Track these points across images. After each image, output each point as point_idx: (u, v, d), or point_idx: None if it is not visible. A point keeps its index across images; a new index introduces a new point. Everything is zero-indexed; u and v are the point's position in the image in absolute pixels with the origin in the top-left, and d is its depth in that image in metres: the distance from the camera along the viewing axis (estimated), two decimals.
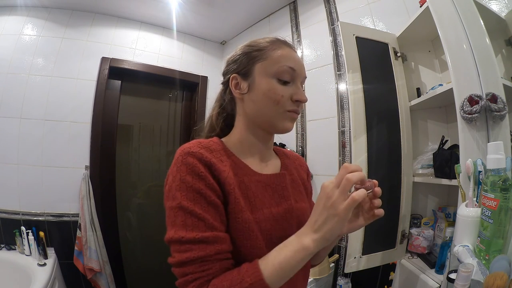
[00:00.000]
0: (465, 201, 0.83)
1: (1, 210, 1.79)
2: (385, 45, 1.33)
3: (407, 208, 1.28)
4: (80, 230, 1.83)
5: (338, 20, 1.73)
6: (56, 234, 1.87)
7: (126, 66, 2.12)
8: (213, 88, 2.45)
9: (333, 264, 1.51)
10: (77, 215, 1.88)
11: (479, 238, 0.73)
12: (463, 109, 0.90)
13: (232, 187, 0.51)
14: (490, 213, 0.69)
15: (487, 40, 0.93)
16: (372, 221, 0.52)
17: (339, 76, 1.69)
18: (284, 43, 0.61)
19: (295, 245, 0.46)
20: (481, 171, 0.80)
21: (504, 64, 1.14)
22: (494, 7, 1.15)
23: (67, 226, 1.90)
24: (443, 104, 1.33)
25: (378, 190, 0.50)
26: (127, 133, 2.34)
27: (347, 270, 1.21)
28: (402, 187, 1.26)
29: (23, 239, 1.72)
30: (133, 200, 2.33)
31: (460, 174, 0.89)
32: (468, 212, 0.78)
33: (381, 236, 1.26)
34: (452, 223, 1.13)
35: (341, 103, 1.65)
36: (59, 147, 1.90)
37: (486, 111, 0.88)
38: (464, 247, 0.74)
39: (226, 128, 0.65)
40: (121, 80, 2.19)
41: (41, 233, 1.73)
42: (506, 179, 0.68)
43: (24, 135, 1.85)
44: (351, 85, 1.25)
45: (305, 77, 0.61)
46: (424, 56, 1.42)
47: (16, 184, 1.83)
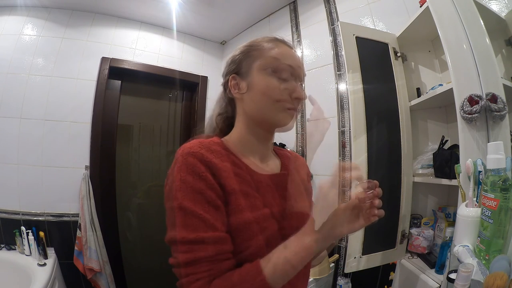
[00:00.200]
0: (465, 201, 0.83)
1: (1, 210, 1.79)
2: (385, 45, 1.33)
3: (407, 208, 1.28)
4: (80, 230, 1.83)
5: (338, 20, 1.73)
6: (56, 234, 1.87)
7: (126, 66, 2.12)
8: (213, 88, 2.45)
9: (333, 264, 1.51)
10: (77, 215, 1.88)
11: (479, 238, 0.73)
12: (463, 109, 0.90)
13: (232, 187, 0.51)
14: (490, 213, 0.69)
15: (487, 40, 0.94)
16: (373, 222, 0.52)
17: (339, 76, 1.69)
18: (282, 42, 0.61)
19: (297, 245, 0.46)
20: (481, 171, 0.80)
21: (504, 64, 1.14)
22: (494, 7, 1.15)
23: (67, 226, 1.90)
24: (443, 104, 1.33)
25: (379, 191, 0.50)
26: (127, 133, 2.34)
27: (347, 270, 1.21)
28: (402, 187, 1.26)
29: (23, 239, 1.72)
30: (133, 200, 2.33)
31: (460, 174, 0.89)
32: (468, 212, 0.79)
33: (381, 236, 1.26)
34: (452, 223, 1.12)
35: (341, 103, 1.64)
36: (59, 147, 1.90)
37: (486, 111, 0.88)
38: (464, 247, 0.74)
39: (227, 129, 0.65)
40: (121, 80, 2.19)
41: (41, 233, 1.73)
42: (506, 179, 0.68)
43: (24, 135, 1.85)
44: (351, 85, 1.25)
45: (305, 74, 0.61)
46: (424, 56, 1.42)
47: (16, 184, 1.83)
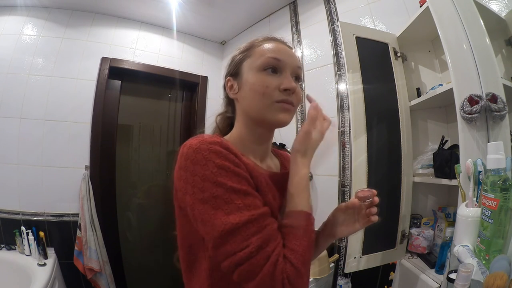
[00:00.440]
0: (465, 201, 0.83)
1: (1, 210, 1.79)
2: (385, 45, 1.33)
3: (407, 208, 1.28)
4: (80, 230, 1.83)
5: (338, 20, 1.73)
6: (56, 234, 1.87)
7: (126, 66, 2.12)
8: (213, 88, 2.45)
9: (333, 264, 1.51)
10: (77, 215, 1.88)
11: (479, 238, 0.73)
12: (463, 109, 0.90)
13: (257, 179, 0.52)
14: (490, 213, 0.69)
15: (487, 40, 0.94)
16: (367, 226, 0.60)
17: (339, 76, 1.69)
18: (271, 38, 0.60)
19: (300, 182, 0.52)
20: (481, 171, 0.80)
21: (504, 64, 1.14)
22: (494, 7, 1.15)
23: (67, 226, 1.90)
24: (443, 104, 1.33)
25: (376, 200, 0.59)
26: (127, 133, 2.34)
27: (347, 270, 1.21)
28: (402, 187, 1.26)
29: (23, 239, 1.72)
30: (133, 200, 2.33)
31: (460, 174, 0.89)
32: (468, 212, 0.79)
33: (381, 236, 1.26)
34: (452, 223, 1.12)
35: (341, 103, 1.64)
36: (59, 147, 1.90)
37: (486, 111, 0.88)
38: (464, 247, 0.74)
39: (227, 128, 0.66)
40: (121, 80, 2.19)
41: (41, 233, 1.73)
42: (506, 179, 0.68)
43: (24, 135, 1.85)
44: (351, 85, 1.25)
45: (298, 66, 0.58)
46: (424, 56, 1.42)
47: (16, 184, 1.82)
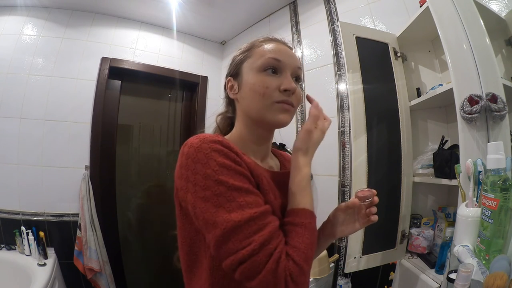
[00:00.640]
0: (465, 201, 0.84)
1: (1, 210, 1.79)
2: (385, 45, 1.33)
3: (407, 208, 1.28)
4: (80, 230, 1.83)
5: (338, 20, 1.73)
6: (56, 234, 1.87)
7: (126, 66, 2.12)
8: (213, 88, 2.45)
9: (333, 264, 1.51)
10: (77, 215, 1.88)
11: (479, 238, 0.73)
12: (463, 109, 0.90)
13: (258, 178, 0.51)
14: (490, 213, 0.69)
15: (487, 40, 0.94)
16: (367, 225, 0.61)
17: (339, 76, 1.69)
18: (272, 39, 0.60)
19: (302, 180, 0.53)
20: (481, 171, 0.80)
21: (504, 64, 1.14)
22: (494, 7, 1.15)
23: (67, 226, 1.90)
24: (443, 104, 1.32)
25: (376, 200, 0.59)
26: (127, 133, 2.33)
27: (347, 270, 1.21)
28: (402, 187, 1.26)
29: (23, 239, 1.72)
30: (133, 200, 2.33)
31: (460, 174, 0.89)
32: (468, 212, 0.79)
33: (381, 236, 1.26)
34: (452, 223, 1.12)
35: (341, 103, 1.64)
36: (59, 147, 1.90)
37: (486, 111, 0.88)
38: (464, 247, 0.75)
39: (227, 128, 0.66)
40: (121, 80, 2.19)
41: (41, 233, 1.73)
42: (506, 179, 0.68)
43: (24, 135, 1.85)
44: (351, 85, 1.25)
45: (298, 67, 0.58)
46: (424, 56, 1.42)
47: (16, 184, 1.82)
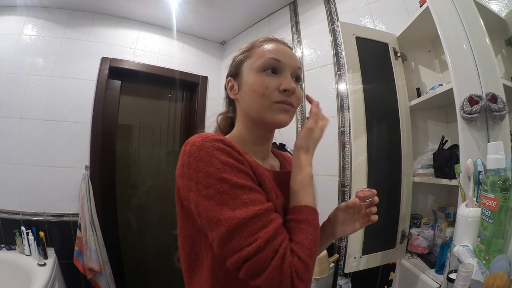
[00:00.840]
0: (465, 201, 0.83)
1: (1, 210, 1.79)
2: (385, 45, 1.33)
3: (407, 208, 1.28)
4: (80, 230, 1.83)
5: (338, 20, 1.73)
6: (56, 234, 1.87)
7: (126, 66, 2.12)
8: (213, 88, 2.45)
9: (333, 264, 1.51)
10: (77, 215, 1.88)
11: (479, 238, 0.73)
12: (463, 109, 0.90)
13: (260, 177, 0.51)
14: (490, 213, 0.69)
15: (487, 40, 0.93)
16: (367, 225, 0.61)
17: (339, 76, 1.69)
18: (272, 39, 0.60)
19: (305, 179, 0.52)
20: (481, 171, 0.80)
21: (504, 64, 1.14)
22: (494, 7, 1.15)
23: (67, 226, 1.90)
24: (443, 104, 1.32)
25: (376, 200, 0.60)
26: (127, 133, 2.33)
27: (347, 270, 1.21)
28: (402, 187, 1.26)
29: (23, 239, 1.72)
30: (133, 200, 2.33)
31: (460, 174, 0.89)
32: (468, 212, 0.79)
33: (381, 236, 1.26)
34: (452, 223, 1.13)
35: (341, 103, 1.64)
36: (59, 147, 1.90)
37: (486, 111, 0.88)
38: (464, 247, 0.75)
39: (228, 128, 0.66)
40: (121, 80, 2.19)
41: (41, 233, 1.73)
42: (506, 179, 0.68)
43: (24, 135, 1.85)
44: (351, 85, 1.25)
45: (298, 67, 0.58)
46: (424, 56, 1.42)
47: (16, 184, 1.82)
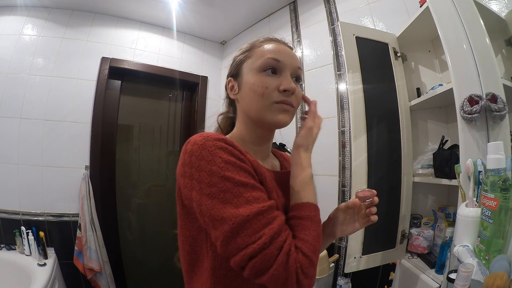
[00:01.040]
0: (465, 201, 0.83)
1: (1, 210, 1.79)
2: (385, 45, 1.33)
3: (407, 208, 1.28)
4: (80, 230, 1.83)
5: (338, 20, 1.73)
6: (56, 234, 1.87)
7: (126, 66, 2.12)
8: (213, 88, 2.45)
9: (333, 264, 1.51)
10: (77, 215, 1.88)
11: (479, 238, 0.73)
12: (463, 109, 0.90)
13: (262, 176, 0.51)
14: (490, 213, 0.69)
15: (487, 40, 0.93)
16: (367, 225, 0.61)
17: (339, 76, 1.69)
18: (272, 39, 0.60)
19: (305, 178, 0.53)
20: (481, 171, 0.80)
21: (504, 64, 1.14)
22: (494, 7, 1.15)
23: (67, 226, 1.90)
24: (443, 104, 1.32)
25: (376, 200, 0.60)
26: (127, 133, 2.33)
27: (347, 270, 1.21)
28: (402, 187, 1.25)
29: (23, 239, 1.72)
30: (133, 200, 2.33)
31: (460, 174, 0.89)
32: (468, 212, 0.79)
33: (381, 236, 1.26)
34: (452, 223, 1.12)
35: (341, 103, 1.64)
36: (59, 147, 1.90)
37: (486, 111, 0.88)
38: (464, 247, 0.74)
39: (228, 128, 0.66)
40: (121, 80, 2.19)
41: (41, 233, 1.73)
42: (506, 179, 0.68)
43: (24, 135, 1.85)
44: (351, 85, 1.25)
45: (298, 67, 0.58)
46: (424, 56, 1.42)
47: (16, 184, 1.82)
